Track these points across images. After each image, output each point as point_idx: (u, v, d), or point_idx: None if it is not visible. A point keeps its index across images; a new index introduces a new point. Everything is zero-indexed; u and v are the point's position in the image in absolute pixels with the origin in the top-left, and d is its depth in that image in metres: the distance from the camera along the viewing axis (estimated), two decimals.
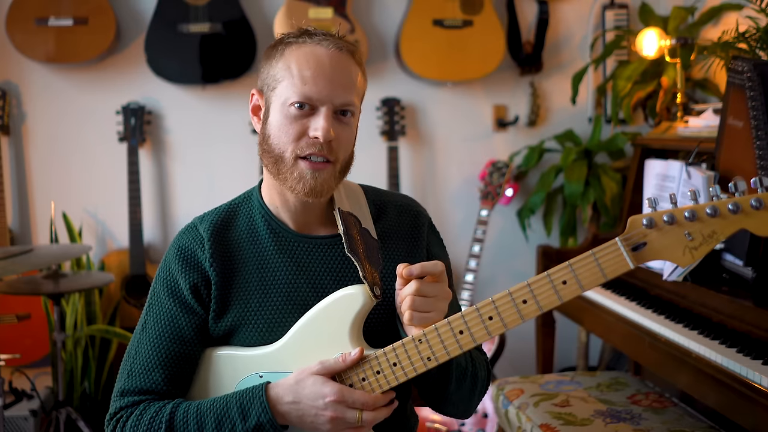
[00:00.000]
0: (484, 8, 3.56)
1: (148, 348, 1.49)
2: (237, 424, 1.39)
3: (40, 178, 3.64)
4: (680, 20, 3.38)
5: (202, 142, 3.68)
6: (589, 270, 1.31)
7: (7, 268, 2.47)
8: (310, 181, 1.43)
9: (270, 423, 1.38)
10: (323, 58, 1.42)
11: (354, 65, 1.46)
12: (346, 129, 1.46)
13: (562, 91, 3.76)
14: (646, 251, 1.29)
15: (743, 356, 1.89)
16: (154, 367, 1.47)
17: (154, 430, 1.42)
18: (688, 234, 1.27)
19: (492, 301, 1.35)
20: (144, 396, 1.47)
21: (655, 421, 2.19)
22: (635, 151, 3.04)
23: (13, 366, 3.18)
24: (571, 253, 3.04)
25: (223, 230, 1.53)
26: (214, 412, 1.41)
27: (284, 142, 1.43)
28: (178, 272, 1.50)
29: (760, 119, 2.10)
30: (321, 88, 1.41)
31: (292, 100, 1.42)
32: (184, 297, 1.49)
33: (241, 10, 3.49)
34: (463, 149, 3.78)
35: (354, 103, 1.45)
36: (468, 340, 1.36)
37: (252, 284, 1.49)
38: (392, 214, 1.59)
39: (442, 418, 3.03)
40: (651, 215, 1.28)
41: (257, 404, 1.39)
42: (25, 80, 3.59)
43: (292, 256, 1.50)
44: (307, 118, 1.43)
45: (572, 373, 2.68)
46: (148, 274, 3.52)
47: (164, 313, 1.50)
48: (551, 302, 1.33)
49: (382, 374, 1.40)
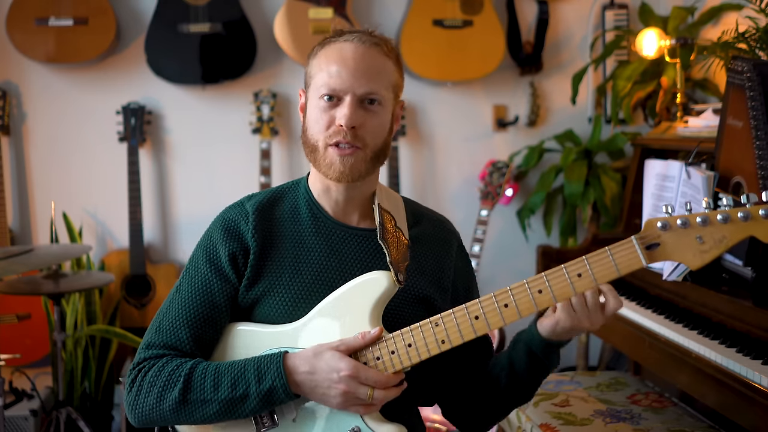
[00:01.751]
0: (484, 8, 3.56)
1: (179, 307, 1.56)
2: (252, 385, 1.45)
3: (40, 178, 3.64)
4: (680, 20, 3.38)
5: (202, 142, 3.68)
6: (604, 264, 1.39)
7: (7, 268, 2.47)
8: (339, 166, 1.52)
9: (283, 388, 1.44)
10: (347, 53, 1.53)
11: (380, 56, 1.55)
12: (372, 117, 1.54)
13: (562, 91, 3.76)
14: (659, 251, 1.38)
15: (743, 356, 1.89)
16: (182, 326, 1.54)
17: (173, 381, 1.48)
18: (700, 238, 1.36)
19: (509, 290, 1.42)
20: (168, 351, 1.54)
21: (654, 421, 2.19)
22: (635, 151, 3.04)
23: (14, 366, 3.18)
24: (571, 253, 3.04)
25: (269, 209, 1.62)
26: (231, 372, 1.47)
27: (317, 131, 1.54)
28: (218, 240, 1.58)
29: (759, 119, 2.10)
30: (344, 79, 1.52)
31: (321, 93, 1.53)
32: (221, 264, 1.57)
33: (241, 10, 3.49)
34: (463, 149, 3.78)
35: (377, 91, 1.53)
36: (483, 325, 1.43)
37: (286, 259, 1.57)
38: (427, 225, 1.68)
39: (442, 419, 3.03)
40: (666, 218, 1.37)
41: (274, 369, 1.45)
42: (25, 80, 3.59)
43: (328, 240, 1.59)
44: (334, 108, 1.53)
45: (572, 372, 2.68)
46: (148, 274, 3.52)
47: (200, 277, 1.58)
48: (565, 293, 1.41)
49: (396, 354, 1.46)
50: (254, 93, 3.59)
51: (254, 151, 3.60)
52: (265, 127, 3.56)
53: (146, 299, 3.53)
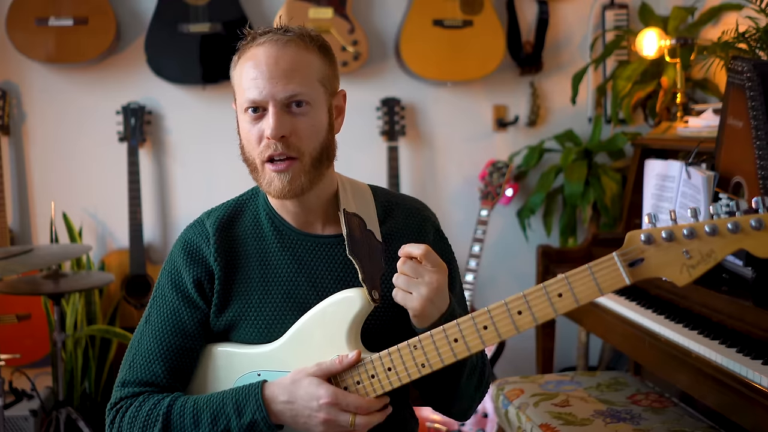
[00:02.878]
0: (484, 8, 3.56)
1: (150, 340, 1.51)
2: (232, 420, 1.40)
3: (40, 178, 3.64)
4: (680, 20, 3.38)
5: (202, 142, 3.68)
6: (585, 284, 1.30)
7: (7, 268, 2.47)
8: (277, 184, 1.44)
9: (264, 421, 1.39)
10: (260, 58, 1.43)
11: (298, 52, 1.44)
12: (302, 120, 1.44)
13: (562, 91, 3.76)
14: (644, 267, 1.28)
15: (743, 356, 1.89)
16: (156, 360, 1.49)
17: (151, 422, 1.44)
18: (687, 252, 1.26)
19: (488, 311, 1.35)
20: (144, 387, 1.49)
21: (655, 421, 2.19)
22: (635, 151, 3.04)
23: (13, 366, 3.18)
24: (571, 253, 3.04)
25: (229, 226, 1.55)
26: (210, 407, 1.43)
27: (251, 149, 1.47)
28: (182, 266, 1.52)
29: (760, 119, 2.10)
30: (261, 87, 1.42)
31: (244, 106, 1.45)
32: (188, 291, 1.51)
33: (241, 10, 3.49)
34: (463, 149, 3.78)
35: (299, 91, 1.42)
36: (462, 348, 1.37)
37: (253, 280, 1.51)
38: (399, 216, 1.60)
39: (442, 418, 3.03)
40: (649, 231, 1.27)
41: (252, 401, 1.40)
42: (25, 80, 3.59)
43: (294, 254, 1.52)
44: (261, 120, 1.44)
45: (572, 373, 2.68)
46: (148, 274, 3.52)
47: (167, 307, 1.52)
48: (546, 314, 1.33)
49: (376, 378, 1.41)
50: None
51: None
52: None
53: (146, 299, 3.53)
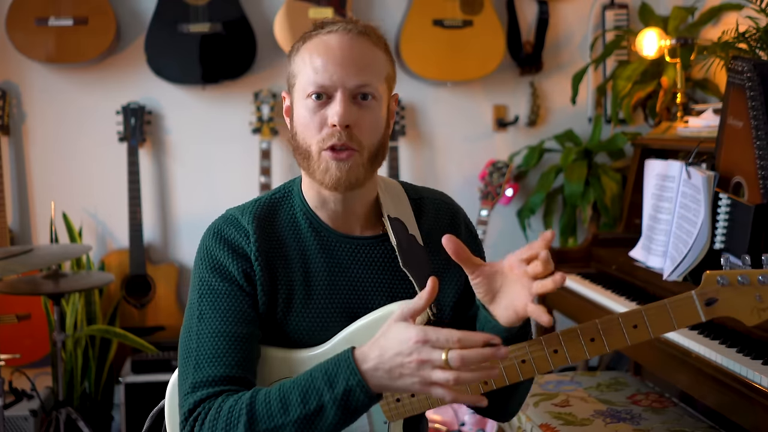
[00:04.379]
0: (484, 8, 3.56)
1: (211, 335, 1.38)
2: (324, 393, 1.25)
3: (40, 178, 3.64)
4: (680, 20, 3.38)
5: (202, 142, 3.68)
6: (662, 318, 1.36)
7: (7, 268, 2.47)
8: (335, 172, 1.38)
9: (359, 385, 1.24)
10: (332, 44, 1.39)
11: (370, 45, 1.41)
12: (367, 113, 1.40)
13: (562, 91, 3.76)
14: (718, 306, 1.36)
15: (743, 356, 1.89)
16: (224, 353, 1.36)
17: (234, 419, 1.28)
18: (759, 296, 1.36)
19: (559, 335, 1.36)
20: (220, 386, 1.34)
21: (655, 421, 2.19)
22: (635, 151, 3.04)
23: (13, 366, 3.18)
24: (571, 253, 3.04)
25: (268, 224, 1.46)
26: (298, 387, 1.28)
27: (309, 136, 1.40)
28: (226, 259, 1.42)
29: (760, 119, 2.10)
30: (332, 73, 1.37)
31: (308, 92, 1.39)
32: (237, 280, 1.41)
33: (241, 10, 3.49)
34: (463, 149, 3.78)
35: (370, 83, 1.39)
36: (530, 368, 1.36)
37: (297, 282, 1.44)
38: (430, 210, 1.56)
39: (442, 418, 3.03)
40: (726, 274, 1.36)
41: (344, 368, 1.25)
42: (25, 80, 3.59)
43: (333, 257, 1.46)
44: (325, 107, 1.39)
45: (572, 373, 2.68)
46: (148, 274, 3.52)
47: (222, 297, 1.40)
48: (620, 343, 1.37)
49: (416, 397, 1.34)
50: (254, 93, 3.59)
51: (254, 151, 3.60)
52: (265, 127, 3.56)
53: (146, 299, 3.53)
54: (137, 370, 3.22)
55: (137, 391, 3.17)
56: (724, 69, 2.59)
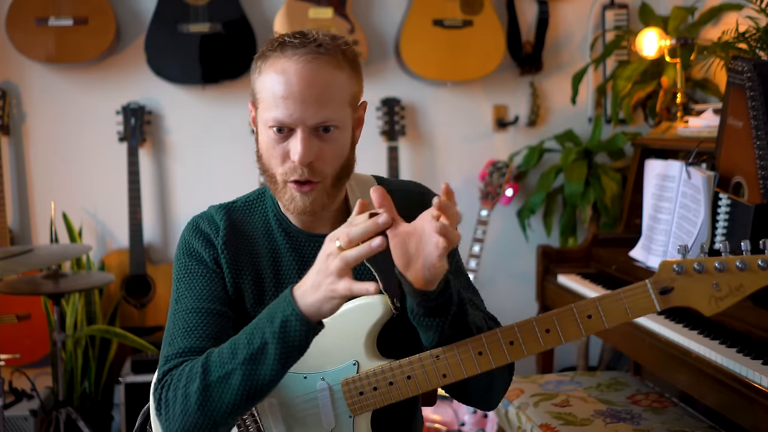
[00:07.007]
0: (484, 8, 3.56)
1: (185, 312, 1.45)
2: (266, 329, 1.30)
3: (40, 178, 3.64)
4: (680, 20, 3.38)
5: (202, 142, 3.68)
6: (616, 308, 1.33)
7: (7, 268, 2.47)
8: (299, 203, 1.42)
9: (293, 314, 1.28)
10: (291, 76, 1.36)
11: (330, 72, 1.38)
12: (330, 145, 1.41)
13: (562, 91, 3.76)
14: (673, 296, 1.33)
15: (743, 356, 1.89)
16: (195, 326, 1.43)
17: (193, 375, 1.34)
18: (716, 284, 1.32)
19: (515, 327, 1.35)
20: (188, 355, 1.40)
21: (654, 421, 2.19)
22: (635, 151, 3.04)
23: (13, 366, 3.18)
24: (571, 253, 3.04)
25: (239, 223, 1.53)
26: (246, 331, 1.34)
27: (273, 165, 1.43)
28: (200, 247, 1.50)
29: (760, 119, 2.10)
30: (292, 110, 1.36)
31: (269, 124, 1.40)
32: (210, 265, 1.49)
33: (241, 10, 3.49)
34: (463, 149, 3.78)
35: (332, 117, 1.38)
36: (486, 361, 1.36)
37: (267, 280, 1.50)
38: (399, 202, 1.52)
39: (442, 418, 3.03)
40: (682, 262, 1.33)
41: (281, 301, 1.30)
42: (25, 80, 3.59)
43: (303, 255, 1.50)
44: (287, 140, 1.40)
45: (572, 373, 2.68)
46: (148, 274, 3.52)
47: (196, 278, 1.48)
48: (574, 334, 1.35)
49: (395, 386, 1.39)
50: None
51: (254, 151, 3.59)
52: None
53: (146, 299, 3.53)
54: (137, 370, 3.22)
55: (137, 391, 3.17)
56: (724, 69, 2.59)
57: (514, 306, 3.71)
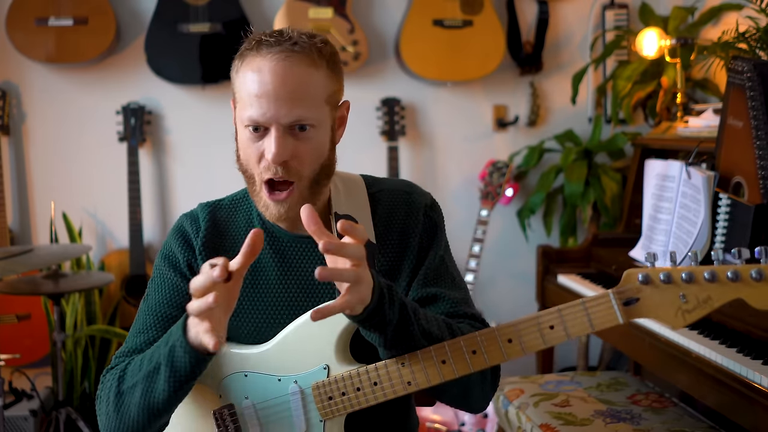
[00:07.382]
0: (484, 8, 3.56)
1: (145, 313, 1.49)
2: (162, 350, 1.33)
3: (40, 178, 3.64)
4: (680, 20, 3.38)
5: (202, 142, 3.68)
6: (578, 319, 1.29)
7: (7, 268, 2.47)
8: (274, 212, 1.42)
9: (179, 341, 1.29)
10: (265, 74, 1.35)
11: (305, 70, 1.36)
12: (306, 144, 1.38)
13: (562, 91, 3.76)
14: (638, 307, 1.27)
15: (743, 356, 1.89)
16: (148, 328, 1.47)
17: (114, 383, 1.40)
18: (683, 296, 1.25)
19: (477, 336, 1.33)
20: (132, 355, 1.45)
21: (654, 421, 2.19)
22: (635, 151, 3.05)
23: (13, 366, 3.18)
24: (571, 253, 3.05)
25: (222, 222, 1.54)
26: (155, 345, 1.38)
27: (251, 164, 1.42)
28: (176, 248, 1.52)
29: (760, 119, 2.10)
30: (265, 109, 1.35)
31: (245, 123, 1.39)
32: (182, 269, 1.50)
33: (241, 10, 3.49)
34: (463, 149, 3.78)
35: (305, 116, 1.36)
36: (450, 370, 1.34)
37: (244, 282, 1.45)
38: (386, 202, 1.54)
39: (442, 418, 3.03)
40: (647, 271, 1.26)
41: (179, 324, 1.31)
42: (25, 80, 3.59)
43: (285, 256, 1.49)
44: (262, 138, 1.38)
45: (572, 373, 2.68)
46: (148, 274, 3.52)
47: (164, 282, 1.50)
48: (536, 345, 1.32)
49: (362, 391, 1.38)
50: None
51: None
52: None
53: None
54: None
55: None
56: (724, 69, 2.59)
57: (514, 306, 3.72)
